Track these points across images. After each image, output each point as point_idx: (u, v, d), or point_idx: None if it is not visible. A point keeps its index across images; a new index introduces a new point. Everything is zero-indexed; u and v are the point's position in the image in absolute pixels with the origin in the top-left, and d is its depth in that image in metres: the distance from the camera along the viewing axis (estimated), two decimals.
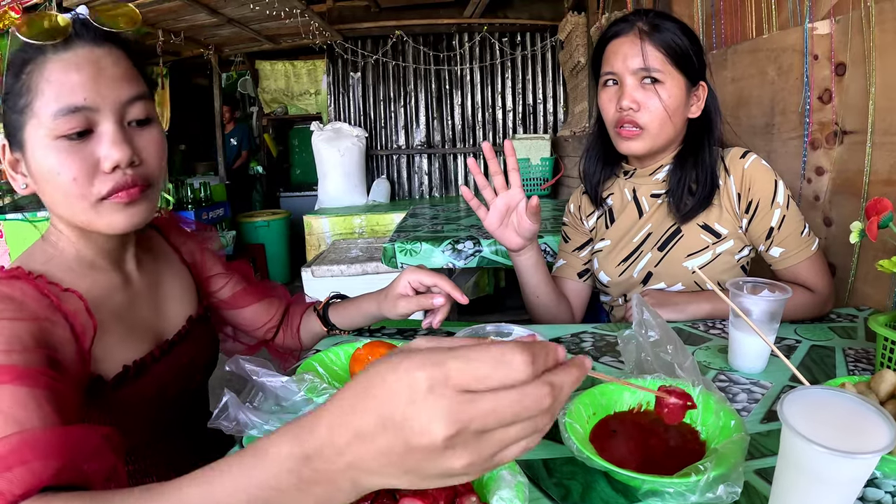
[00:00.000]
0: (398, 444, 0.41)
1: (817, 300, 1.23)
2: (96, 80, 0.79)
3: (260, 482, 0.45)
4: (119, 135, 0.80)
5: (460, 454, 0.41)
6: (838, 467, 0.51)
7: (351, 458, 0.42)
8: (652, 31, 1.22)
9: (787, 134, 1.71)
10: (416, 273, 1.07)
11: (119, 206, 0.82)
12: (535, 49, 5.55)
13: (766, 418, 0.83)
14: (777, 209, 1.23)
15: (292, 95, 6.61)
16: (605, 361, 1.05)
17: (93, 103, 0.79)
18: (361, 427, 0.42)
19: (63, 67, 0.78)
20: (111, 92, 0.80)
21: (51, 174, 0.79)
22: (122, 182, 0.81)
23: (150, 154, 0.85)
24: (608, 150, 1.40)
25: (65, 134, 0.78)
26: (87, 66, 0.79)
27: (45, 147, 0.78)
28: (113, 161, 0.80)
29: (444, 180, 5.87)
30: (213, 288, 1.17)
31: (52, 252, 0.87)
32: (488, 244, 2.29)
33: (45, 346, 0.72)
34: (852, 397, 0.55)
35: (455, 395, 0.40)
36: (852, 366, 1.00)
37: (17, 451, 0.58)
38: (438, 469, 0.41)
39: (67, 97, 0.77)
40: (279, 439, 0.45)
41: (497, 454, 0.42)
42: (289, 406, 0.82)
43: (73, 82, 0.78)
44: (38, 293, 0.78)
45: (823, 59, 1.53)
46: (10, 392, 0.63)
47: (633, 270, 1.37)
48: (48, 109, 0.77)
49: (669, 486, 0.61)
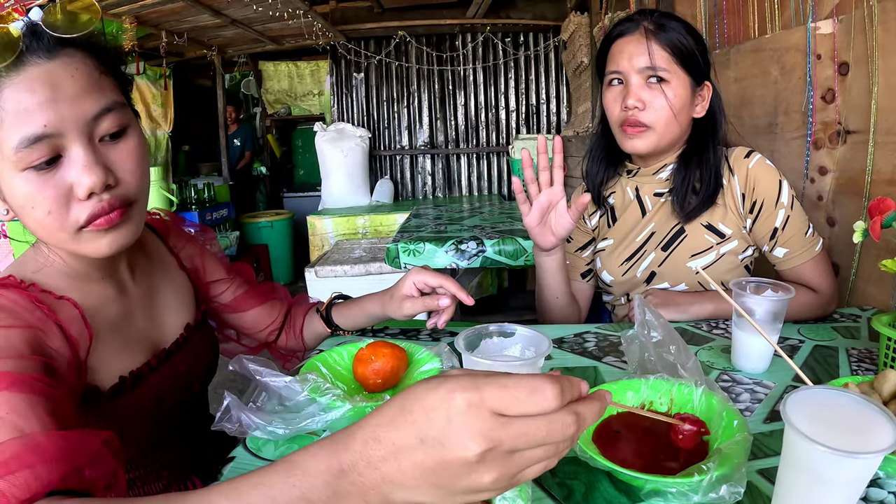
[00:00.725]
0: (433, 459, 0.43)
1: (821, 300, 1.23)
2: (54, 102, 0.70)
3: (293, 496, 0.46)
4: (90, 157, 0.73)
5: (490, 470, 0.43)
6: (841, 467, 0.51)
7: (385, 471, 0.44)
8: (657, 31, 1.22)
9: (791, 134, 1.70)
10: (421, 274, 1.07)
11: (100, 232, 0.77)
12: (538, 49, 5.55)
13: (769, 418, 0.83)
14: (781, 209, 1.23)
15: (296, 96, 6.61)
16: (608, 362, 1.05)
17: (54, 129, 0.71)
18: (398, 442, 0.44)
19: (17, 92, 0.69)
20: (74, 111, 0.72)
21: (24, 209, 0.74)
22: (100, 209, 0.75)
23: (127, 170, 0.78)
24: (611, 149, 1.40)
25: (31, 166, 0.71)
26: (40, 87, 0.70)
27: (14, 179, 0.72)
28: (86, 188, 0.73)
29: (448, 181, 5.87)
30: (213, 293, 1.15)
31: (44, 261, 0.84)
32: (491, 244, 2.29)
33: (41, 353, 0.71)
34: (855, 397, 0.55)
35: (490, 417, 0.42)
36: (855, 366, 1.00)
37: (20, 455, 0.57)
38: (467, 484, 0.44)
39: (25, 126, 0.69)
40: (316, 453, 0.47)
41: (521, 473, 0.45)
42: (292, 406, 0.82)
43: (28, 108, 0.69)
44: (29, 303, 0.76)
45: (826, 58, 1.53)
46: (6, 398, 0.62)
47: (637, 270, 1.37)
48: (9, 142, 0.69)
49: (672, 486, 0.61)
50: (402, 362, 0.92)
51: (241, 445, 0.80)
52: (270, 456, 0.77)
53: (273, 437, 0.77)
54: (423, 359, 0.97)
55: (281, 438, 0.79)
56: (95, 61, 0.76)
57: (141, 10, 3.90)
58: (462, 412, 0.42)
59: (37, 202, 0.73)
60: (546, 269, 1.32)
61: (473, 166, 5.82)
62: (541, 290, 1.37)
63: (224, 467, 0.75)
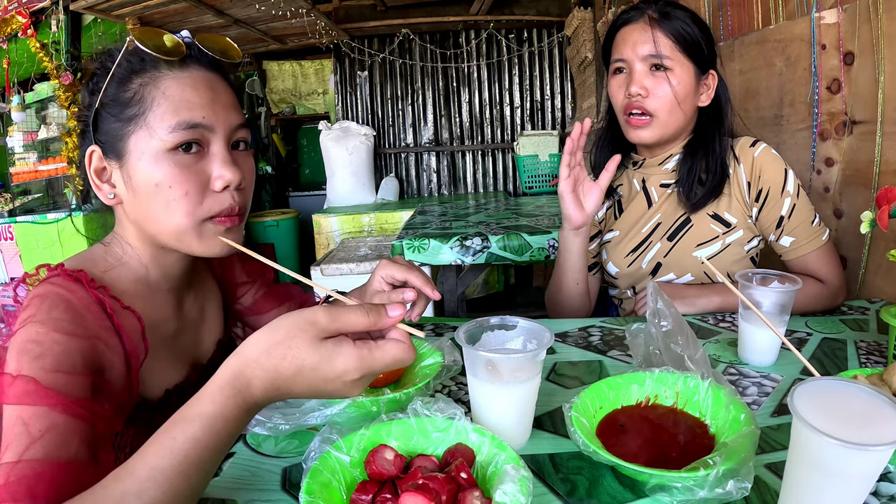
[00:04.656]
0: (319, 378, 0.57)
1: (828, 291, 1.22)
2: (213, 102, 0.82)
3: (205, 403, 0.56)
4: (230, 156, 0.83)
5: (357, 386, 0.58)
6: (850, 460, 0.50)
7: (277, 383, 0.57)
8: (661, 19, 1.22)
9: (796, 125, 1.69)
10: (388, 268, 1.04)
11: (220, 230, 0.84)
12: (542, 45, 5.52)
13: (776, 412, 0.82)
14: (787, 198, 1.22)
15: (300, 95, 6.60)
16: (612, 356, 1.04)
17: (209, 122, 0.81)
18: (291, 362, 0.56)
19: (180, 85, 0.80)
20: (225, 115, 0.83)
21: (159, 187, 0.79)
22: (229, 207, 0.83)
23: (248, 181, 0.87)
24: (618, 141, 1.40)
25: (179, 144, 0.79)
26: (204, 87, 0.82)
27: (156, 159, 0.78)
28: (225, 181, 0.81)
29: (453, 178, 5.86)
30: (237, 295, 1.15)
31: (114, 261, 0.86)
32: (496, 240, 2.28)
33: (93, 369, 0.71)
34: (864, 389, 0.54)
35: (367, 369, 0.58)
36: (864, 358, 0.98)
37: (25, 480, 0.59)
38: (338, 393, 0.58)
39: (186, 113, 0.79)
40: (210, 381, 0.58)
41: None
42: (292, 401, 0.81)
43: (191, 100, 0.80)
44: (99, 307, 0.76)
45: (831, 48, 1.51)
46: (49, 416, 0.63)
47: (643, 261, 1.36)
48: (164, 122, 0.78)
49: (677, 481, 0.60)
50: None
51: (242, 441, 0.80)
52: (270, 451, 0.77)
53: (273, 433, 0.76)
54: (425, 353, 0.96)
55: (281, 434, 0.79)
56: (233, 89, 0.89)
57: (144, 11, 3.90)
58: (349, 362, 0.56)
59: (177, 182, 0.79)
60: (571, 250, 1.31)
61: (479, 163, 5.80)
62: (560, 276, 1.37)
63: (224, 463, 0.74)
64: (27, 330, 0.69)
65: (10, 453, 0.61)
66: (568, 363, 1.02)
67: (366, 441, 0.66)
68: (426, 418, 0.69)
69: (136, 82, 0.80)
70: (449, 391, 0.94)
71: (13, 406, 0.63)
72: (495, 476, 0.60)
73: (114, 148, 0.81)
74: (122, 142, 0.80)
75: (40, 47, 3.81)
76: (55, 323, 0.70)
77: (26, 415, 0.63)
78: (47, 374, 0.65)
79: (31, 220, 4.00)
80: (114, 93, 0.80)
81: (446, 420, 0.68)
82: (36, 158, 4.51)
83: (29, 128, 4.50)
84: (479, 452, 0.65)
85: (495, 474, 0.61)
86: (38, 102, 4.49)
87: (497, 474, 0.60)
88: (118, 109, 0.80)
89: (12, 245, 4.08)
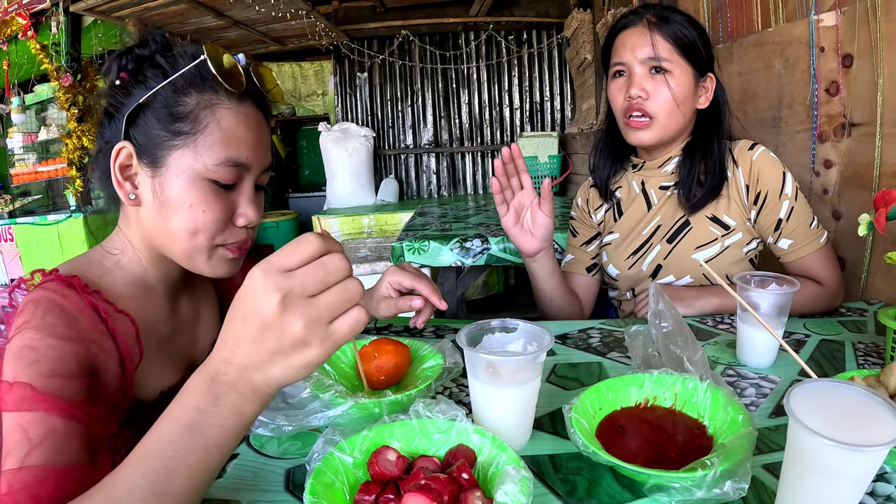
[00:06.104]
0: (255, 327, 0.52)
1: (826, 293, 1.22)
2: (257, 143, 0.85)
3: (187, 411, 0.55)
4: (254, 197, 0.87)
5: (296, 316, 0.51)
6: (846, 461, 0.50)
7: (237, 361, 0.54)
8: (660, 22, 1.24)
9: (795, 127, 1.69)
10: (396, 274, 1.05)
11: (228, 256, 0.87)
12: (542, 46, 5.53)
13: (774, 413, 0.82)
14: (785, 200, 1.23)
15: (300, 96, 6.61)
16: (612, 357, 1.05)
17: (249, 163, 0.84)
18: (231, 332, 0.54)
19: (235, 119, 0.82)
20: (262, 156, 0.86)
21: (193, 208, 0.80)
22: (244, 239, 0.87)
23: (259, 219, 0.90)
24: (618, 143, 1.41)
25: (219, 180, 0.81)
26: (254, 126, 0.85)
27: (195, 181, 0.80)
28: (247, 220, 0.85)
29: (453, 179, 5.86)
30: None
31: (111, 266, 0.86)
32: (496, 242, 2.29)
33: (88, 372, 0.72)
34: (860, 390, 0.54)
35: (278, 274, 0.52)
36: (862, 360, 0.99)
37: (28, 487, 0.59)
38: (290, 340, 0.52)
39: (235, 150, 0.82)
40: (193, 377, 0.56)
41: (331, 322, 0.53)
42: (295, 403, 0.82)
43: (241, 138, 0.82)
44: (93, 311, 0.76)
45: (830, 50, 1.52)
46: (48, 421, 0.64)
47: (643, 263, 1.37)
48: (213, 153, 0.80)
49: (675, 482, 0.61)
50: (404, 359, 0.92)
51: (245, 442, 0.80)
52: (274, 453, 0.77)
53: (276, 434, 0.77)
54: (427, 355, 0.97)
55: (284, 435, 0.79)
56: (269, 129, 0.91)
57: (144, 13, 3.91)
58: (258, 280, 0.52)
59: (211, 209, 0.81)
60: (536, 275, 1.32)
61: (478, 164, 5.81)
62: (535, 294, 1.38)
63: (228, 464, 0.75)
64: (22, 336, 0.69)
65: (12, 460, 0.61)
66: (568, 365, 1.02)
67: (368, 442, 0.66)
68: (428, 420, 0.70)
69: (192, 98, 0.80)
70: (450, 393, 0.94)
71: (12, 413, 0.64)
72: (496, 476, 0.61)
73: (151, 154, 0.80)
74: (162, 151, 0.80)
75: (40, 49, 3.82)
76: (49, 328, 0.70)
77: (25, 421, 0.63)
78: (43, 379, 0.66)
79: (30, 222, 4.01)
80: (166, 100, 0.80)
81: (448, 421, 0.69)
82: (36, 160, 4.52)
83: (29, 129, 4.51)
84: (481, 453, 0.66)
85: (496, 475, 0.61)
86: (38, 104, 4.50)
87: (498, 475, 0.61)
88: (168, 119, 0.79)
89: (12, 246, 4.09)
